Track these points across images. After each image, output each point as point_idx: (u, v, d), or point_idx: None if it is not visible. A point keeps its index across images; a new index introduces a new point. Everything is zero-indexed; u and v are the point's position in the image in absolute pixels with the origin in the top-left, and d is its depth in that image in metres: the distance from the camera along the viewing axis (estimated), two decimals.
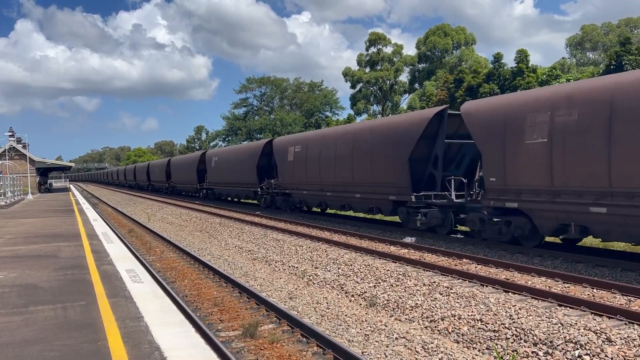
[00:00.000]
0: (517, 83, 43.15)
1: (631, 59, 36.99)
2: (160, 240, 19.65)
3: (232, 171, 32.49)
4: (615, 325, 7.28)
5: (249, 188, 30.17)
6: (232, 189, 33.53)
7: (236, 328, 8.30)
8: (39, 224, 21.26)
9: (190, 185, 43.21)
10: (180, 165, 45.90)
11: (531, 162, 12.14)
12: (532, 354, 6.87)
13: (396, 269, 11.55)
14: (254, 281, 12.29)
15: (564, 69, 58.17)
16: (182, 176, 45.01)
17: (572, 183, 11.27)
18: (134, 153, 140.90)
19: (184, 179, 44.59)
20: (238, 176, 31.53)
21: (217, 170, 35.87)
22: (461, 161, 16.87)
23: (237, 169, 31.62)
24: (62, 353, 5.74)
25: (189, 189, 44.36)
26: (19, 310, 7.56)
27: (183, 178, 44.94)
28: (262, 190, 28.05)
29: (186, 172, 43.45)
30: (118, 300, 8.06)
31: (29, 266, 11.18)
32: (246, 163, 29.89)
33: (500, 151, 12.96)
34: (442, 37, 70.15)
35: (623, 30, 68.15)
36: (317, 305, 9.91)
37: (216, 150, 41.38)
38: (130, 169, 75.56)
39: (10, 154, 56.35)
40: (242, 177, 30.73)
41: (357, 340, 7.91)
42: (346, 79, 79.16)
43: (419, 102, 61.46)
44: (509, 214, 13.06)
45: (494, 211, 13.41)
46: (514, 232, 13.00)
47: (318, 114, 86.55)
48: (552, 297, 8.62)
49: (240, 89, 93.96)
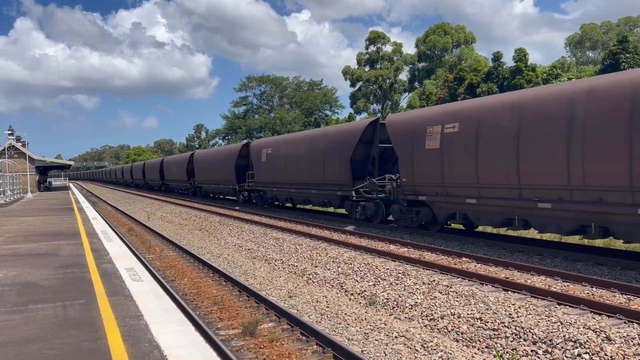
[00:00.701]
0: (516, 82, 43.12)
1: (628, 57, 37.01)
2: (159, 238, 19.64)
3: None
4: (614, 324, 7.29)
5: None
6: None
7: (236, 327, 8.31)
8: (39, 222, 21.25)
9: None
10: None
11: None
12: (532, 352, 6.88)
13: (396, 267, 11.55)
14: (253, 280, 12.29)
15: (564, 68, 58.16)
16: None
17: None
18: (133, 152, 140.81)
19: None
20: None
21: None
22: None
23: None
24: (62, 351, 5.74)
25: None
26: (18, 309, 7.56)
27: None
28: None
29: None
30: (118, 298, 8.06)
31: (29, 264, 11.18)
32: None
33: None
34: (441, 36, 70.14)
35: (622, 29, 68.14)
36: (317, 304, 9.91)
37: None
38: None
39: (10, 152, 56.29)
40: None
41: (356, 339, 7.92)
42: (346, 77, 79.17)
43: (418, 101, 61.44)
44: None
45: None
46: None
47: (318, 112, 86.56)
48: (552, 295, 8.62)
49: (240, 88, 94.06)
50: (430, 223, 16.04)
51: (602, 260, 11.20)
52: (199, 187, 40.31)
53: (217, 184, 35.19)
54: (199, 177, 39.56)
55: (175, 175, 46.88)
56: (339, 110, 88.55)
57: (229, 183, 32.53)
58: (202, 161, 38.84)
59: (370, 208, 18.92)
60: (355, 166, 19.45)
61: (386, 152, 19.07)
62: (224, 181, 33.50)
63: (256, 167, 28.31)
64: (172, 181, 48.57)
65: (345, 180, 19.83)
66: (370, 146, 19.31)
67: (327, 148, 21.26)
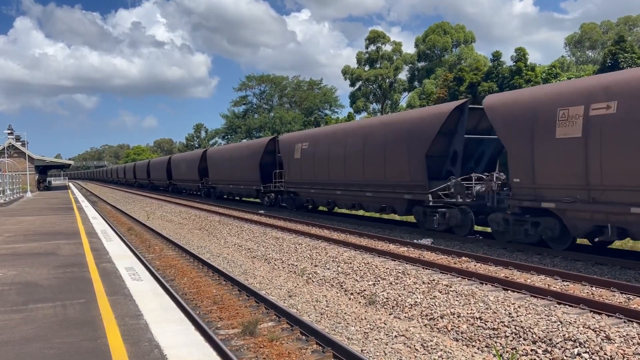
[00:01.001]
0: (515, 81, 43.14)
1: (627, 56, 37.06)
2: (159, 238, 19.64)
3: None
4: (614, 324, 7.29)
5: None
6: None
7: (235, 326, 8.31)
8: (38, 221, 21.23)
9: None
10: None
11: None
12: (532, 352, 6.88)
13: (395, 267, 11.55)
14: (253, 279, 12.29)
15: (564, 68, 58.18)
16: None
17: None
18: (133, 151, 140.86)
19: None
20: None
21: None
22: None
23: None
24: (62, 351, 5.74)
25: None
26: (18, 308, 7.56)
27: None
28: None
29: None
30: (117, 298, 8.06)
31: (28, 264, 11.18)
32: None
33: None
34: (441, 36, 70.09)
35: (622, 28, 68.18)
36: (317, 304, 9.91)
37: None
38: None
39: (10, 152, 56.27)
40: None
41: (356, 338, 7.92)
42: (345, 77, 79.06)
43: (418, 101, 61.44)
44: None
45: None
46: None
47: (317, 112, 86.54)
48: (552, 295, 8.63)
49: (239, 87, 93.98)
50: (556, 239, 12.22)
51: (601, 260, 11.20)
52: (213, 188, 37.14)
53: (237, 184, 31.92)
54: (213, 177, 36.36)
55: (184, 175, 43.50)
56: (339, 110, 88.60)
57: (251, 183, 29.25)
58: (218, 159, 35.39)
59: (455, 216, 14.87)
60: (430, 163, 15.69)
61: (471, 145, 15.73)
62: (245, 181, 30.30)
63: (287, 165, 24.71)
64: (181, 181, 45.29)
65: (417, 180, 15.98)
66: (451, 138, 15.54)
67: (389, 141, 17.30)
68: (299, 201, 24.65)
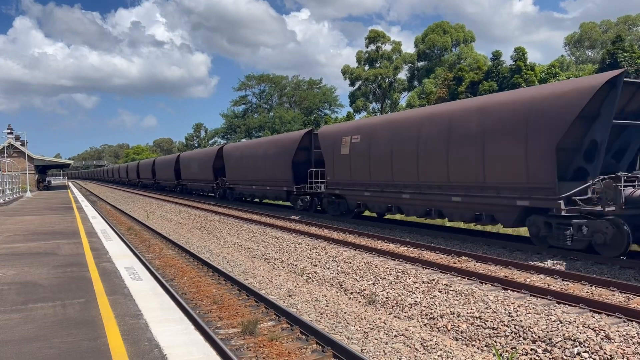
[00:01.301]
0: (515, 81, 43.17)
1: (626, 55, 37.10)
2: (159, 237, 19.64)
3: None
4: (613, 323, 7.30)
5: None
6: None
7: (235, 325, 8.31)
8: (38, 221, 21.23)
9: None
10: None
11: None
12: (531, 351, 6.88)
13: (395, 266, 11.56)
14: (253, 279, 12.29)
15: (563, 67, 58.17)
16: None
17: None
18: (132, 151, 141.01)
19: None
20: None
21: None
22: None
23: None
24: (62, 350, 5.74)
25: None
26: (18, 308, 7.56)
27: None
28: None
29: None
30: (117, 297, 8.06)
31: (28, 264, 11.17)
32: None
33: None
34: (441, 35, 70.12)
35: (622, 28, 68.16)
36: (316, 303, 9.91)
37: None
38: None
39: (9, 151, 56.26)
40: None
41: (356, 338, 7.92)
42: (345, 76, 79.12)
43: (417, 100, 61.45)
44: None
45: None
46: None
47: (317, 111, 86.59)
48: (551, 294, 8.63)
49: (239, 87, 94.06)
50: None
51: (601, 259, 11.20)
52: (231, 189, 33.09)
53: (261, 185, 27.86)
54: (231, 177, 32.38)
55: (196, 175, 39.32)
56: (338, 109, 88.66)
57: (280, 184, 25.24)
58: (238, 157, 31.22)
59: (602, 230, 11.06)
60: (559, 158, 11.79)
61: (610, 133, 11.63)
62: (272, 182, 26.28)
63: (330, 162, 20.63)
64: (192, 181, 41.03)
65: (539, 181, 12.03)
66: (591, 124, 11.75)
67: (492, 129, 13.21)
68: (346, 206, 20.14)
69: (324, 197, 21.92)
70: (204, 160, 37.21)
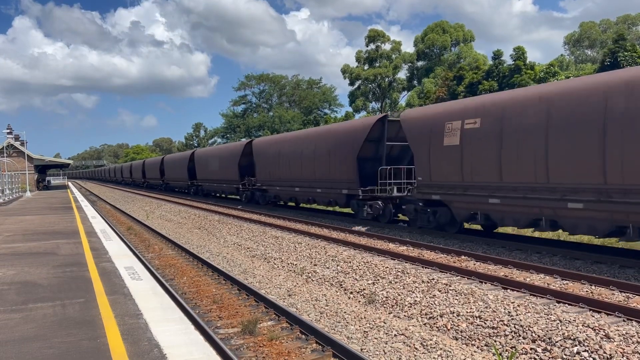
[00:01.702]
0: (514, 80, 43.17)
1: (627, 55, 37.06)
2: (158, 237, 19.63)
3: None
4: (613, 322, 7.30)
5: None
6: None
7: (235, 325, 8.31)
8: (38, 221, 21.22)
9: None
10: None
11: None
12: (531, 350, 6.89)
13: (395, 265, 11.56)
14: (252, 278, 12.29)
15: (562, 66, 58.17)
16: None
17: None
18: (132, 150, 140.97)
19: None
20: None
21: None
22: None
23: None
24: (62, 350, 5.74)
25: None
26: (17, 308, 7.56)
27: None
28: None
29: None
30: (117, 297, 8.06)
31: (28, 263, 11.17)
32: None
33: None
34: (440, 35, 70.10)
35: (621, 27, 68.13)
36: (316, 303, 9.92)
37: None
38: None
39: (9, 151, 56.26)
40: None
41: (356, 337, 7.92)
42: (345, 76, 79.09)
43: (417, 100, 61.43)
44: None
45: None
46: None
47: (316, 111, 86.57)
48: (551, 293, 8.64)
49: (239, 86, 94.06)
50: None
51: (600, 259, 11.21)
52: (263, 191, 27.72)
53: (308, 187, 22.37)
54: (262, 176, 27.12)
55: (215, 174, 34.26)
56: (338, 109, 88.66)
57: (338, 185, 19.97)
58: (272, 153, 25.90)
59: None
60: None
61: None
62: (326, 183, 20.91)
63: (426, 156, 15.40)
64: (209, 181, 35.95)
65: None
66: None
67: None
68: (449, 217, 15.14)
69: (409, 203, 16.76)
70: (228, 157, 32.11)
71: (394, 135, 18.54)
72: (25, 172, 53.38)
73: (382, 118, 18.73)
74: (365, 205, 18.72)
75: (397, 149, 19.10)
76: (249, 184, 29.37)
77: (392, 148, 18.95)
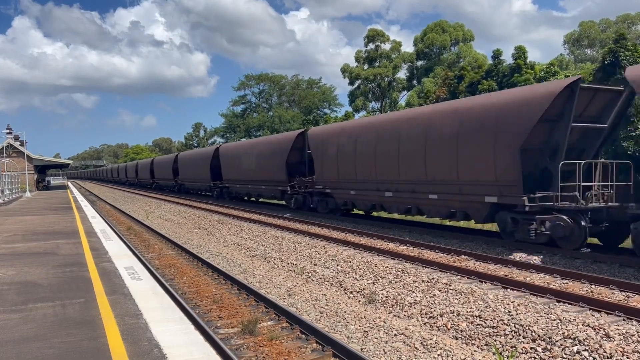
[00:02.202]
0: (514, 80, 43.16)
1: (627, 54, 37.03)
2: (158, 237, 19.63)
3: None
4: (613, 321, 7.30)
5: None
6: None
7: (235, 325, 8.31)
8: (38, 221, 21.22)
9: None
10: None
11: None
12: (531, 350, 6.89)
13: (395, 265, 11.56)
14: (252, 278, 12.29)
15: (562, 66, 58.19)
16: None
17: None
18: (132, 150, 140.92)
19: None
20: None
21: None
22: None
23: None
24: (62, 350, 5.74)
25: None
26: (17, 308, 7.55)
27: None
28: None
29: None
30: (117, 297, 8.06)
31: (28, 263, 11.17)
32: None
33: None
34: (440, 34, 70.09)
35: (621, 26, 68.15)
36: (316, 302, 9.91)
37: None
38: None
39: (8, 151, 56.23)
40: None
41: (356, 337, 7.92)
42: (344, 75, 79.05)
43: (417, 99, 61.42)
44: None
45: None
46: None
47: (316, 110, 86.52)
48: (551, 293, 8.64)
49: (238, 86, 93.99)
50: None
51: (600, 258, 11.21)
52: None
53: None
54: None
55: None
56: (338, 109, 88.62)
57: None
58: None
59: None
60: None
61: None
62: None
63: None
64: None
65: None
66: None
67: None
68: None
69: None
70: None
71: None
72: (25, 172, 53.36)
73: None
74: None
75: None
76: (298, 186, 23.77)
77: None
